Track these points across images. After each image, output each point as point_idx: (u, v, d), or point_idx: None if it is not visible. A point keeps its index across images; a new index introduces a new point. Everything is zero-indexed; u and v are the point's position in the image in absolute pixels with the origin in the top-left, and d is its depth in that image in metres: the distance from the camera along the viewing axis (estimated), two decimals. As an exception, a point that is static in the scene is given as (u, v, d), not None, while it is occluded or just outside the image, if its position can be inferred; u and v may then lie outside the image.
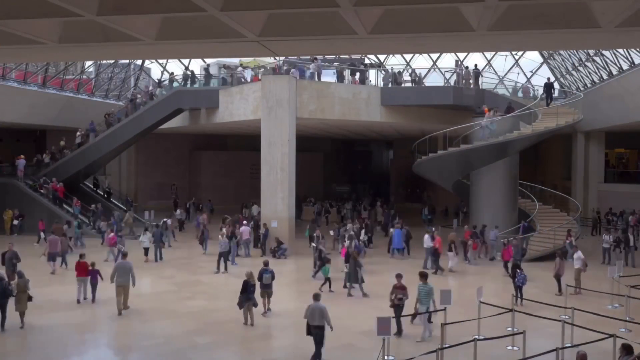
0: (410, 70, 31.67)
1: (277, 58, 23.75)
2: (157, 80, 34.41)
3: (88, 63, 34.50)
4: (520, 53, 35.66)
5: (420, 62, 37.86)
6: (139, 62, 37.47)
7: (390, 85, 26.64)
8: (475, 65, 28.41)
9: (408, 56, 36.27)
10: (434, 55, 36.49)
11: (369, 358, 10.33)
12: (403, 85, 27.55)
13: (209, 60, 32.31)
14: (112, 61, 34.38)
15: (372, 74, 28.36)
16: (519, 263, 16.38)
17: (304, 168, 29.94)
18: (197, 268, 19.56)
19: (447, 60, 37.30)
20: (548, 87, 25.33)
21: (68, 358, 11.08)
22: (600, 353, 10.08)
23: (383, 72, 28.38)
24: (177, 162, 39.71)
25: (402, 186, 42.18)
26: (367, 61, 31.33)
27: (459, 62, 32.29)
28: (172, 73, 34.50)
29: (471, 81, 26.83)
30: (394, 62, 37.36)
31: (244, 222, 23.16)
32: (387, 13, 7.61)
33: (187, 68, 32.27)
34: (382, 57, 35.86)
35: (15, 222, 25.80)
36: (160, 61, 36.72)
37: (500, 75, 35.91)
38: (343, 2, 6.73)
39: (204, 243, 22.22)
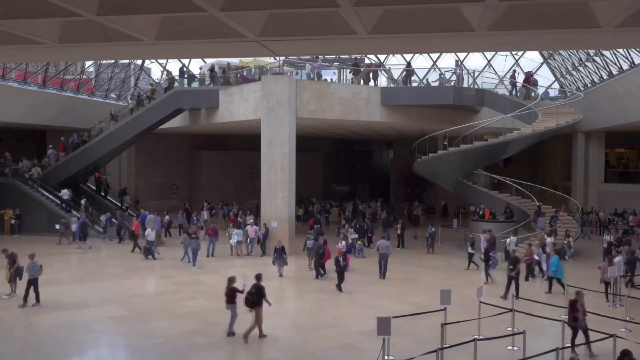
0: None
1: (277, 58, 23.75)
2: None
3: (88, 63, 34.47)
4: (520, 53, 35.65)
5: (420, 62, 37.88)
6: (139, 62, 37.45)
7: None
8: (532, 74, 28.62)
9: (408, 56, 36.26)
10: (434, 55, 36.48)
11: (369, 358, 10.33)
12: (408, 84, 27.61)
13: (209, 60, 32.23)
14: (112, 61, 34.35)
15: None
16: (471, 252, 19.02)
17: (304, 168, 29.88)
18: (197, 268, 19.55)
19: (447, 60, 37.30)
20: None
21: (68, 358, 11.08)
22: (601, 353, 10.08)
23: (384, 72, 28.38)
24: (177, 162, 39.65)
25: (402, 186, 42.16)
26: (367, 61, 31.29)
27: (459, 62, 32.28)
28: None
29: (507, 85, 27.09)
30: (394, 62, 37.42)
31: (251, 221, 23.26)
32: (387, 13, 7.61)
33: (185, 67, 31.96)
34: (382, 57, 35.85)
35: (12, 221, 25.77)
36: (160, 61, 36.70)
37: (500, 75, 35.90)
38: (343, 2, 6.73)
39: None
